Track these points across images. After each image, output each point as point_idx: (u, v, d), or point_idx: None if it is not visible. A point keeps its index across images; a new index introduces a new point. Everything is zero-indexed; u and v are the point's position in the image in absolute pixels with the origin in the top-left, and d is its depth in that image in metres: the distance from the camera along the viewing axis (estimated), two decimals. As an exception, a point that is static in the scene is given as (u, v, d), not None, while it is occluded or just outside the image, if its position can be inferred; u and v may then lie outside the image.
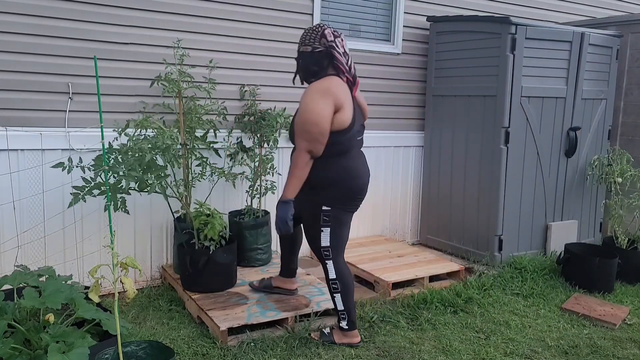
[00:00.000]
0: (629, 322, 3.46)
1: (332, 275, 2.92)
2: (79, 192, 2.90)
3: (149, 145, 2.94)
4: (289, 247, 3.41)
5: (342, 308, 2.95)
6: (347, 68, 2.82)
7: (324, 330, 3.07)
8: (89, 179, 2.92)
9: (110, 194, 2.77)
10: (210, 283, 3.44)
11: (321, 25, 2.84)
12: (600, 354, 3.03)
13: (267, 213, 4.08)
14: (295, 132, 2.80)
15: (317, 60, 2.80)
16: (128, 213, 3.11)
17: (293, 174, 2.78)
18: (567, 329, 3.34)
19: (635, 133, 5.05)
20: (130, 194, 2.98)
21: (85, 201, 2.95)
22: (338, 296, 2.94)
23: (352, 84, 2.87)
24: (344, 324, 2.98)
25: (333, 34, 2.80)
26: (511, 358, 2.96)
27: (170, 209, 3.54)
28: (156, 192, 3.05)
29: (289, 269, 3.45)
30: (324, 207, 2.85)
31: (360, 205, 3.04)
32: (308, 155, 2.75)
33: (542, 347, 3.09)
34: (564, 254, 4.12)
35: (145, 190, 2.99)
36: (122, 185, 2.90)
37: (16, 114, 3.33)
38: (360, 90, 4.55)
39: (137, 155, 2.90)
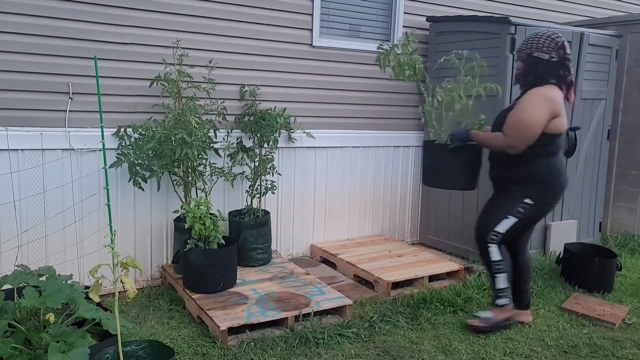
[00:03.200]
0: (628, 322, 3.46)
1: (497, 257, 3.13)
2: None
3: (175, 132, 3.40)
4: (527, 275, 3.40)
5: (504, 286, 3.17)
6: (572, 79, 3.02)
7: (479, 315, 3.25)
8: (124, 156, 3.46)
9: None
10: (185, 279, 3.51)
11: (558, 35, 2.99)
12: (600, 353, 3.04)
13: (267, 213, 4.09)
14: (505, 124, 2.99)
15: (549, 69, 2.97)
16: (142, 189, 3.56)
17: (489, 142, 3.07)
18: (567, 328, 3.34)
19: (635, 133, 5.06)
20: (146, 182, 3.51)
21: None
22: (502, 276, 3.15)
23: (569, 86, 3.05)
24: (505, 300, 3.19)
25: (570, 47, 2.99)
26: (511, 358, 2.96)
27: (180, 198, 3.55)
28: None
29: (525, 298, 3.39)
30: (526, 200, 3.04)
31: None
32: (508, 148, 2.99)
33: (541, 347, 3.09)
34: (564, 253, 4.12)
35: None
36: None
37: (16, 114, 3.34)
38: (360, 91, 4.62)
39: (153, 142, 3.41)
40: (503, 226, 3.09)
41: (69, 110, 3.48)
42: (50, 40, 3.38)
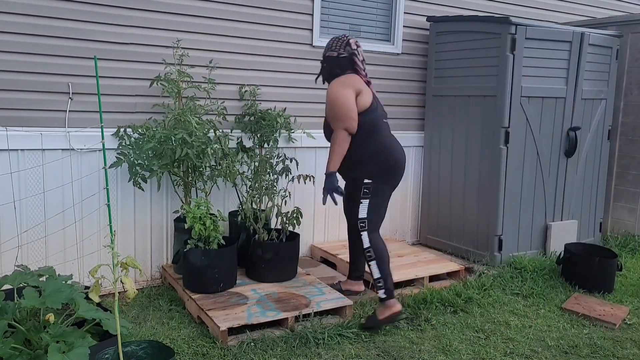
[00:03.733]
0: (628, 322, 3.46)
1: (367, 244, 3.24)
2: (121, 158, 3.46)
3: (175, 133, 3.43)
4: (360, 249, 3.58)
5: (379, 275, 3.21)
6: (364, 71, 3.33)
7: (370, 315, 3.27)
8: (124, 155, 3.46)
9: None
10: (185, 280, 3.51)
11: (347, 35, 3.34)
12: (600, 354, 3.04)
13: (266, 213, 4.08)
14: (329, 120, 3.27)
15: (340, 63, 3.29)
16: (142, 189, 3.56)
17: (334, 149, 3.22)
18: (567, 328, 3.34)
19: (635, 133, 5.06)
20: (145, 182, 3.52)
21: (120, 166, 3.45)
22: (373, 263, 3.22)
23: (367, 83, 3.33)
24: (381, 292, 3.21)
25: (355, 43, 3.30)
26: (511, 358, 2.96)
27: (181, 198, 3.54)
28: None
29: (357, 271, 3.72)
30: (365, 180, 3.23)
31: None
32: (345, 132, 3.17)
33: (542, 347, 3.09)
34: (564, 253, 4.12)
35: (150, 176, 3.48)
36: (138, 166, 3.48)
37: (16, 114, 3.34)
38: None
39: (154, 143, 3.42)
40: (362, 212, 3.24)
41: (69, 110, 3.47)
42: (50, 40, 3.37)
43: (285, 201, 3.92)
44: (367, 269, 3.33)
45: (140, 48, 3.66)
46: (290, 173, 3.93)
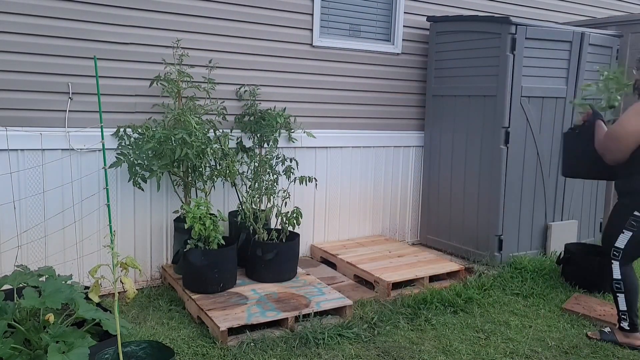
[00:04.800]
0: (629, 322, 3.45)
1: (617, 275, 3.11)
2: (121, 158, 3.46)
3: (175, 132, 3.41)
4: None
5: (624, 309, 3.11)
6: None
7: (603, 329, 3.21)
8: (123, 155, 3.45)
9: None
10: (185, 280, 3.51)
11: None
12: (601, 354, 3.03)
13: (266, 213, 4.08)
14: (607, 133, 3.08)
15: None
16: (142, 189, 3.57)
17: (597, 135, 3.16)
18: (567, 329, 3.34)
19: (635, 133, 5.05)
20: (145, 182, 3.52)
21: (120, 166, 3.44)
22: (621, 296, 3.11)
23: None
24: (624, 324, 3.11)
25: None
26: (511, 358, 2.96)
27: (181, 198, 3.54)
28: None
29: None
30: (635, 213, 3.02)
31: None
32: (600, 153, 3.14)
33: (542, 347, 3.09)
34: (564, 254, 4.11)
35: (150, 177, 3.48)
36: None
37: (16, 114, 3.33)
38: (361, 91, 4.62)
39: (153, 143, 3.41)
40: (621, 242, 3.08)
41: (69, 110, 3.47)
42: (50, 40, 3.37)
43: (286, 202, 3.91)
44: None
45: (140, 48, 3.65)
46: (293, 174, 3.92)
